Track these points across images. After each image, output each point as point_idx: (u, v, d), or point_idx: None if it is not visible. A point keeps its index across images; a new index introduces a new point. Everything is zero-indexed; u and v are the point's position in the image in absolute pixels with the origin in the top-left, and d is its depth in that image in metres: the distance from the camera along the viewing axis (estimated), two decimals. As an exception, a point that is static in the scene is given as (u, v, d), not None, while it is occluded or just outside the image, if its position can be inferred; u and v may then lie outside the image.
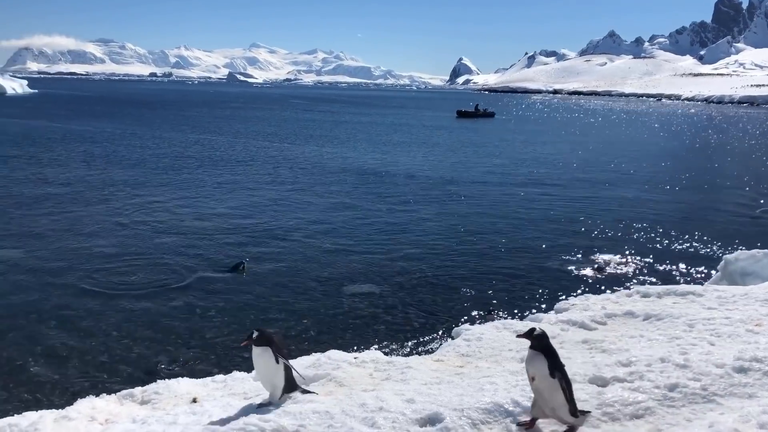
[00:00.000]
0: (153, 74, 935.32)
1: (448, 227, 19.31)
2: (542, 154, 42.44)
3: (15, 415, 5.81)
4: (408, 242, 17.35)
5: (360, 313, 11.97)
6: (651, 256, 16.28)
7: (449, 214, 21.33)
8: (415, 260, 15.50)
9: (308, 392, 5.76)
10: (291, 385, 5.61)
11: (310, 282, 13.70)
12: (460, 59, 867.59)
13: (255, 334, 5.44)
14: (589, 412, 5.10)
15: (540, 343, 4.75)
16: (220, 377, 6.80)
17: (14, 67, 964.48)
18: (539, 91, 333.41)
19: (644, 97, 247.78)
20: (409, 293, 13.13)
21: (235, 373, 7.02)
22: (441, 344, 8.57)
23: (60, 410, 5.91)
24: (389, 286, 13.53)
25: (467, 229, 19.09)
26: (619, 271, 15.03)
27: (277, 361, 5.41)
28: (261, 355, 5.42)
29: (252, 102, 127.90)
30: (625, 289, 11.15)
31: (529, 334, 4.79)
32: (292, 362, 5.82)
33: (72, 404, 6.08)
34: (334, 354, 7.00)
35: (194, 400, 6.06)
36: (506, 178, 30.20)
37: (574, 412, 4.85)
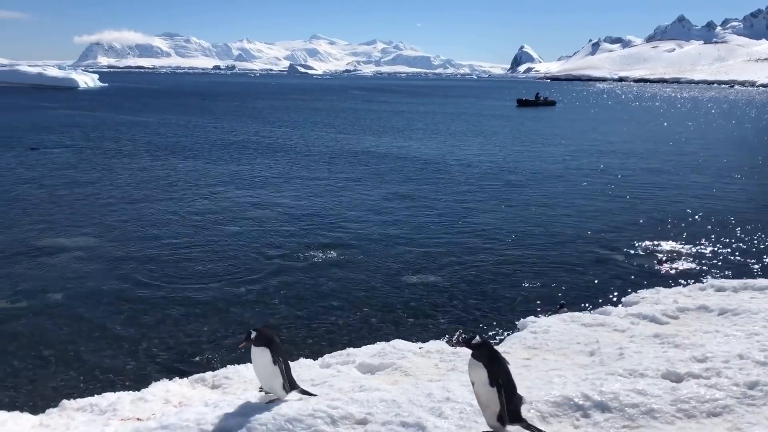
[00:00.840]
0: (216, 67, 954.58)
1: (508, 218, 19.06)
2: (605, 143, 41.33)
3: (95, 395, 6.09)
4: (468, 233, 17.22)
5: (421, 303, 11.96)
6: (725, 249, 15.65)
7: (509, 204, 21.05)
8: (475, 251, 15.37)
9: (307, 393, 5.52)
10: (291, 384, 5.45)
11: (370, 271, 13.77)
12: (522, 47, 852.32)
13: (253, 334, 5.29)
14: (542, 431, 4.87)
15: (480, 352, 4.80)
16: (287, 364, 6.91)
17: (86, 62, 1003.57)
18: (603, 79, 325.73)
19: (715, 84, 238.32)
20: (470, 284, 13.03)
21: (302, 360, 7.13)
22: (506, 336, 8.48)
23: (136, 392, 6.16)
24: (449, 277, 13.47)
25: (528, 220, 18.80)
26: (690, 265, 14.50)
27: (275, 363, 5.27)
28: (259, 356, 5.30)
29: (312, 93, 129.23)
30: (697, 282, 10.77)
31: (467, 343, 4.89)
32: (355, 351, 5.82)
33: (147, 387, 6.33)
34: (399, 344, 7.03)
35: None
36: (568, 168, 29.56)
37: (502, 419, 4.76)
